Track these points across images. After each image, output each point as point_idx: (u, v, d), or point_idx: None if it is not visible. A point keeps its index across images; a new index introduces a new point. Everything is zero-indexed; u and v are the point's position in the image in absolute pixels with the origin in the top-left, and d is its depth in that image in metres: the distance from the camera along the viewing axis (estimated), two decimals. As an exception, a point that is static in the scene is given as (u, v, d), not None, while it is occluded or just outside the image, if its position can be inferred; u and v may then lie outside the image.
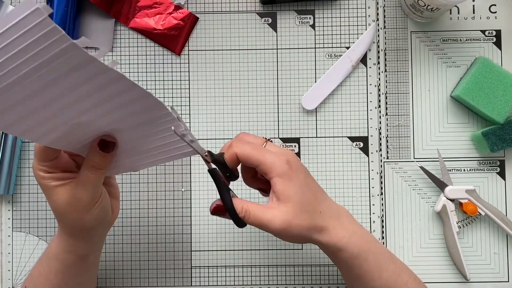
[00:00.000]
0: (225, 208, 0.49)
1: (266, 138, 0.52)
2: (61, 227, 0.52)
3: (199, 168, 0.68)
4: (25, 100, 0.37)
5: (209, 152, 0.50)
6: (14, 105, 0.38)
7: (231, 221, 0.49)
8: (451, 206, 0.65)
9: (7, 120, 0.39)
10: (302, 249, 0.67)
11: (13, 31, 0.32)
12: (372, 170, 0.67)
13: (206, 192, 0.67)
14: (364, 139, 0.68)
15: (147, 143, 0.49)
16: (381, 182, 0.67)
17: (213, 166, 0.50)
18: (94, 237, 0.54)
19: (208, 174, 0.50)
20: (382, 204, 0.67)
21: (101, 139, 0.47)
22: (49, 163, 0.48)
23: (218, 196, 0.50)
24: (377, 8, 0.68)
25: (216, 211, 0.50)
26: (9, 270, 0.67)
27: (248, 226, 0.49)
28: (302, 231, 0.49)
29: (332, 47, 0.68)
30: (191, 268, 0.67)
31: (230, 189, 0.50)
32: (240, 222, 0.49)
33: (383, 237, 0.67)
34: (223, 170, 0.50)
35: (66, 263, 0.53)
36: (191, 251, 0.67)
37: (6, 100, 0.37)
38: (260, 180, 0.54)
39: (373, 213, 0.67)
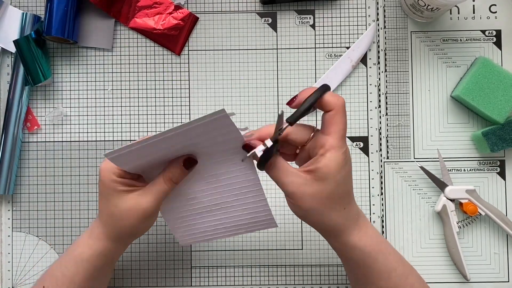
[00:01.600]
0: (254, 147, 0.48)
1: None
2: (107, 231, 0.53)
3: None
4: (163, 154, 0.50)
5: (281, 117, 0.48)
6: (151, 157, 0.50)
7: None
8: (451, 206, 0.65)
9: (136, 165, 0.51)
10: (302, 249, 0.67)
11: (205, 124, 0.46)
12: (372, 170, 0.67)
13: (206, 192, 0.67)
14: (364, 139, 0.67)
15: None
16: (381, 182, 0.67)
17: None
18: (130, 243, 0.56)
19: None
20: (382, 204, 0.67)
21: (189, 157, 0.51)
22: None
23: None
24: (377, 8, 0.68)
25: (248, 147, 0.49)
26: (9, 270, 0.67)
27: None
28: (313, 213, 0.48)
29: (332, 47, 0.68)
30: (191, 268, 0.67)
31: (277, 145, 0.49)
32: (263, 164, 0.48)
33: (383, 237, 0.67)
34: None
35: (98, 267, 0.54)
36: (191, 251, 0.67)
37: (151, 154, 0.49)
38: (299, 155, 0.52)
39: (373, 213, 0.67)
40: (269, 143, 0.47)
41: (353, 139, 0.67)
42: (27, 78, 0.65)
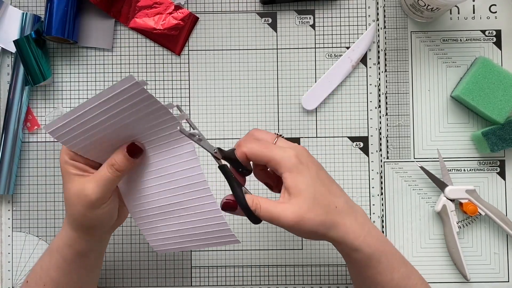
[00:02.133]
0: (236, 203, 0.49)
1: (277, 134, 0.52)
2: (67, 218, 0.53)
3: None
4: (98, 131, 0.48)
5: (219, 149, 0.50)
6: (89, 133, 0.49)
7: (232, 221, 0.49)
8: (451, 206, 0.65)
9: (79, 143, 0.50)
10: (302, 249, 0.67)
11: (118, 94, 0.45)
12: (372, 170, 0.67)
13: (206, 192, 0.67)
14: (364, 139, 0.67)
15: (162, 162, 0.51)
16: (381, 182, 0.67)
17: (224, 162, 0.50)
18: (94, 236, 0.54)
19: (220, 170, 0.49)
20: (382, 204, 0.67)
21: (132, 143, 0.50)
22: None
23: (229, 193, 0.50)
24: (377, 8, 0.68)
25: (227, 206, 0.49)
26: (9, 270, 0.67)
27: (246, 226, 0.49)
28: (316, 226, 0.48)
29: (332, 47, 0.68)
30: (191, 268, 0.67)
31: (241, 185, 0.50)
32: (253, 217, 0.48)
33: (383, 237, 0.67)
34: (235, 165, 0.50)
35: (66, 258, 0.53)
36: (191, 251, 0.67)
37: (87, 130, 0.48)
38: (271, 175, 0.53)
39: (373, 213, 0.67)
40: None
41: (353, 139, 0.67)
42: (27, 78, 0.65)
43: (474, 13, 0.68)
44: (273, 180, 0.54)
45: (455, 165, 0.67)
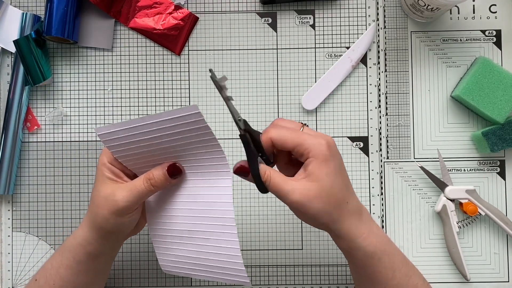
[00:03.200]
0: (249, 170, 0.49)
1: (302, 123, 0.51)
2: (87, 218, 0.53)
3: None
4: (146, 146, 0.50)
5: (245, 120, 0.49)
6: (136, 145, 0.50)
7: (232, 221, 0.49)
8: (451, 206, 0.65)
9: (123, 151, 0.51)
10: (302, 249, 0.67)
11: (179, 118, 0.47)
12: (372, 170, 0.67)
13: (206, 192, 0.67)
14: (364, 139, 0.67)
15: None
16: (381, 182, 0.67)
17: (247, 131, 0.49)
18: (109, 241, 0.54)
19: (240, 139, 0.49)
20: (382, 204, 0.67)
21: (174, 164, 0.51)
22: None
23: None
24: (377, 8, 0.68)
25: (240, 171, 0.50)
26: (9, 270, 0.67)
27: (246, 226, 0.49)
28: (322, 214, 0.48)
29: (332, 47, 0.68)
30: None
31: (258, 156, 0.49)
32: (262, 187, 0.49)
33: (383, 237, 0.67)
34: (257, 151, 0.49)
35: (78, 258, 0.54)
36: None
37: (136, 142, 0.50)
38: (294, 167, 0.52)
39: (373, 213, 0.67)
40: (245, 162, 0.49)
41: (353, 139, 0.67)
42: (27, 78, 0.65)
43: (474, 13, 0.68)
44: (293, 174, 0.53)
45: (455, 165, 0.67)
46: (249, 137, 0.49)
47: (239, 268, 0.51)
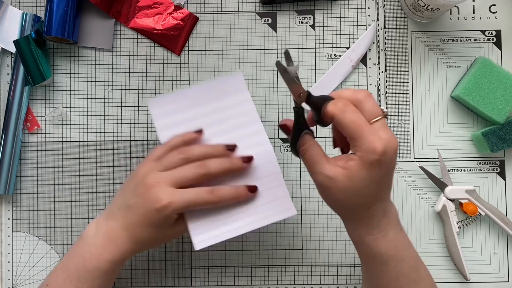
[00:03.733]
0: (290, 132, 0.50)
1: (384, 112, 0.47)
2: (125, 233, 0.54)
3: (199, 168, 0.68)
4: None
5: (308, 93, 0.48)
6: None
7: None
8: (451, 206, 0.65)
9: None
10: (302, 249, 0.67)
11: None
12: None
13: (206, 192, 0.67)
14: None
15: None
16: (381, 182, 0.67)
17: (302, 107, 0.49)
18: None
19: (293, 111, 0.49)
20: (382, 204, 0.67)
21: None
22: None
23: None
24: (377, 8, 0.68)
25: (283, 129, 0.53)
26: (9, 270, 0.67)
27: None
28: (339, 206, 0.50)
29: (332, 47, 0.68)
30: (191, 268, 0.67)
31: (305, 129, 0.49)
32: (295, 152, 0.50)
33: (383, 237, 0.67)
34: (316, 113, 0.48)
35: (106, 272, 0.55)
36: (191, 251, 0.67)
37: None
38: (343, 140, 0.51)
39: (373, 213, 0.67)
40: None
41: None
42: (27, 78, 0.65)
43: (474, 13, 0.68)
44: (344, 143, 0.52)
45: (455, 165, 0.67)
46: (303, 113, 0.49)
47: (285, 199, 0.56)
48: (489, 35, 0.68)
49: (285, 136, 0.67)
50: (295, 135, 0.49)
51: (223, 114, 0.58)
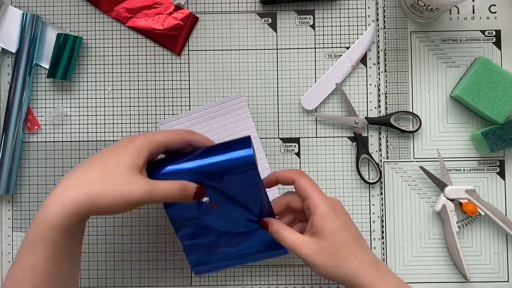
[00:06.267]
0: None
1: None
2: (72, 194, 0.47)
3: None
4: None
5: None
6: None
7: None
8: (451, 206, 0.65)
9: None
10: (302, 249, 0.67)
11: None
12: (372, 170, 0.67)
13: (206, 192, 0.67)
14: (365, 139, 0.68)
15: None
16: (381, 182, 0.67)
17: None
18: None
19: None
20: (382, 204, 0.67)
21: (200, 188, 0.52)
22: (149, 154, 0.51)
23: None
24: (377, 8, 0.68)
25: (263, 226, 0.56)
26: (9, 270, 0.67)
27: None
28: (328, 269, 0.52)
29: (332, 47, 0.68)
30: (191, 268, 0.67)
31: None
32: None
33: (383, 237, 0.67)
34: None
35: (57, 243, 0.47)
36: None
37: None
38: (291, 213, 0.57)
39: (373, 213, 0.67)
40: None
41: (352, 139, 0.67)
42: (48, 69, 0.66)
43: (473, 13, 0.68)
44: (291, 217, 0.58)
45: (454, 165, 0.67)
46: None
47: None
48: (488, 35, 0.68)
49: (286, 136, 0.68)
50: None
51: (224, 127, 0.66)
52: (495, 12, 0.68)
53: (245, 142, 0.52)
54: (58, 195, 0.48)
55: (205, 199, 0.53)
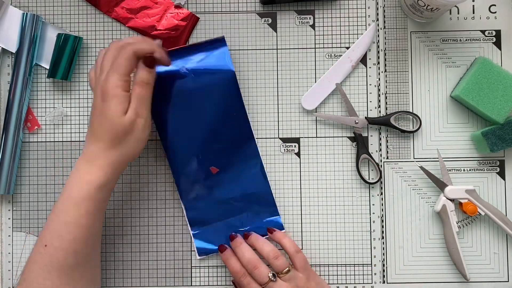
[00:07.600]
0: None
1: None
2: (98, 140, 0.56)
3: (199, 168, 0.68)
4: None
5: None
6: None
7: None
8: (451, 206, 0.65)
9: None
10: (302, 249, 0.67)
11: None
12: (372, 170, 0.67)
13: (206, 192, 0.67)
14: (365, 139, 0.68)
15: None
16: (381, 182, 0.67)
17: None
18: (126, 147, 0.56)
19: None
20: (382, 204, 0.67)
21: (149, 56, 0.57)
22: (125, 81, 0.56)
23: None
24: (377, 8, 0.68)
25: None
26: (9, 270, 0.67)
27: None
28: None
29: (332, 47, 0.68)
30: (191, 268, 0.67)
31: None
32: None
33: (383, 237, 0.67)
34: None
35: (98, 200, 0.56)
36: (191, 251, 0.67)
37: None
38: None
39: (373, 213, 0.67)
40: None
41: (353, 139, 0.68)
42: (48, 69, 0.66)
43: (473, 13, 0.68)
44: None
45: (454, 165, 0.67)
46: None
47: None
48: (489, 35, 0.68)
49: (286, 136, 0.68)
50: None
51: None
52: (495, 12, 0.68)
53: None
54: (94, 163, 0.56)
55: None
